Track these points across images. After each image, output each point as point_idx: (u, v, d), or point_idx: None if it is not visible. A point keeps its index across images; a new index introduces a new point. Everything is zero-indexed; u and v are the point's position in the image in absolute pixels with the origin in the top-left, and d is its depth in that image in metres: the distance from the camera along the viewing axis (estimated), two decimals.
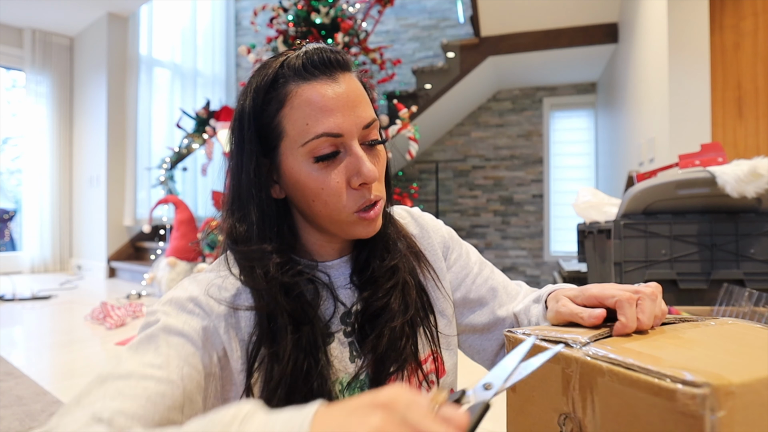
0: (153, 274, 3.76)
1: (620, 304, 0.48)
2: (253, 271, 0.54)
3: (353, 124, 0.53)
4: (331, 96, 0.52)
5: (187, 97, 5.84)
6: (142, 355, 0.46)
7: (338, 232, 0.58)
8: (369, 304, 0.58)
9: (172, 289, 0.54)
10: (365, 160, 0.54)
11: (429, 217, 0.73)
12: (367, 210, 0.55)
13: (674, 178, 1.47)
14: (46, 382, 1.90)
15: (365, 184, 0.54)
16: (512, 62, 4.25)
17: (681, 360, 0.37)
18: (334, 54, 0.54)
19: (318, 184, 0.54)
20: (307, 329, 0.53)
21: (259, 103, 0.54)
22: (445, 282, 0.69)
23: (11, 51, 5.15)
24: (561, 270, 2.72)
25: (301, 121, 0.52)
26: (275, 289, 0.53)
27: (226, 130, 3.87)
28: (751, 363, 0.35)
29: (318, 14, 2.84)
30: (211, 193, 3.24)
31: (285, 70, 0.53)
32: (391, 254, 0.61)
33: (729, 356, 0.37)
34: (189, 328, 0.50)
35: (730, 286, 1.26)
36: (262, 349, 0.52)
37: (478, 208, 5.21)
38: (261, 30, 5.26)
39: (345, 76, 0.54)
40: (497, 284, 0.71)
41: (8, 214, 5.65)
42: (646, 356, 0.38)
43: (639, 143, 2.94)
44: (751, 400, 0.32)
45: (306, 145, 0.53)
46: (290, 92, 0.53)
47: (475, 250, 0.75)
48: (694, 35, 2.35)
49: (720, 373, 0.33)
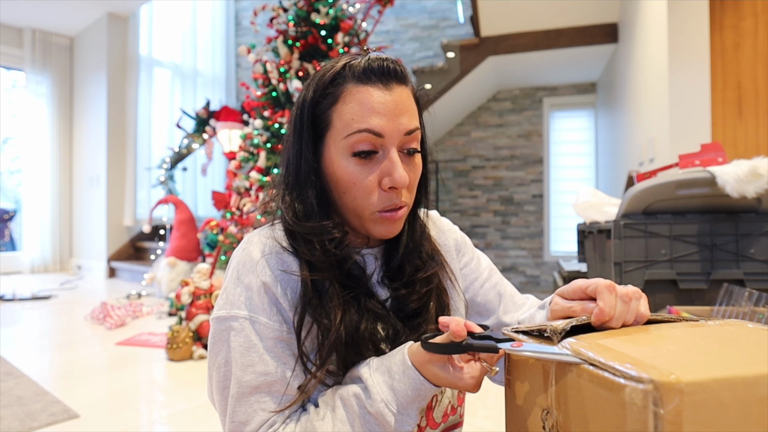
0: (153, 274, 3.76)
1: (599, 290, 0.49)
2: (312, 244, 0.58)
3: (394, 129, 0.57)
4: (380, 100, 0.57)
5: (187, 97, 5.84)
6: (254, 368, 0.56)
7: (359, 228, 0.62)
8: (405, 304, 0.62)
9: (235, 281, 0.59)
10: (399, 165, 0.57)
11: (446, 220, 0.77)
12: (391, 212, 0.59)
13: (674, 178, 1.47)
14: (46, 382, 1.90)
15: (394, 188, 0.58)
16: (512, 62, 4.25)
17: (645, 357, 0.36)
18: (393, 65, 0.58)
19: (351, 178, 0.58)
20: (361, 295, 0.59)
21: (317, 96, 0.59)
22: (460, 282, 0.72)
23: (11, 51, 5.15)
24: (561, 270, 2.72)
25: (348, 116, 0.57)
26: (331, 261, 0.58)
27: (226, 130, 3.87)
28: (721, 363, 0.34)
29: (318, 14, 2.84)
30: (211, 193, 3.24)
31: (346, 71, 0.58)
32: (427, 265, 0.65)
33: (701, 355, 0.36)
34: (270, 328, 0.57)
35: (730, 286, 1.26)
36: (306, 314, 0.57)
37: (478, 208, 5.21)
38: (261, 30, 5.26)
39: (399, 87, 0.58)
40: (504, 291, 0.74)
41: (8, 214, 5.66)
42: (611, 352, 0.38)
43: (639, 143, 2.94)
44: (704, 399, 0.31)
45: (348, 138, 0.57)
46: (345, 91, 0.57)
47: (488, 259, 0.78)
48: (694, 35, 2.35)
49: (674, 370, 0.32)
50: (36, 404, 1.66)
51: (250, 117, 3.11)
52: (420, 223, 0.67)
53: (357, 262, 0.62)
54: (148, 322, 2.97)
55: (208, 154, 4.51)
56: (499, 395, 1.73)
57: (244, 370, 0.55)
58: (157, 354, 2.28)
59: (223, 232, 2.97)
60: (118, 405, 1.69)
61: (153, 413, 1.65)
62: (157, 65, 5.59)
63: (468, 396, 0.76)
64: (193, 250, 3.85)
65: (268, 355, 0.56)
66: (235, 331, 0.56)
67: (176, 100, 5.73)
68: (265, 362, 0.56)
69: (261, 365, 0.56)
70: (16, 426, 1.48)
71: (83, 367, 2.11)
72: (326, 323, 0.56)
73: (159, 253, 4.19)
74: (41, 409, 1.62)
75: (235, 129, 3.82)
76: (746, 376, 0.32)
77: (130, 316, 3.03)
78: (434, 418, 0.64)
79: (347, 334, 0.56)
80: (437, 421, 0.65)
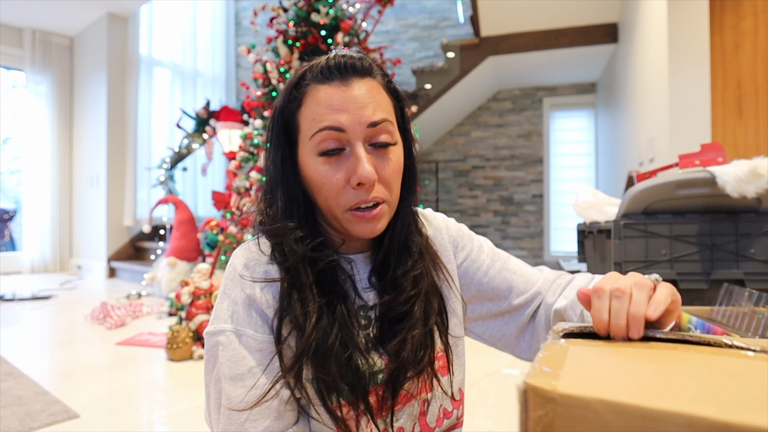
0: (153, 274, 3.76)
1: (594, 295, 0.46)
2: (281, 246, 0.58)
3: (356, 122, 0.56)
4: (338, 96, 0.56)
5: (187, 97, 5.83)
6: (243, 383, 0.54)
7: (340, 228, 0.61)
8: (390, 308, 0.60)
9: (222, 295, 0.59)
10: (364, 160, 0.55)
11: (441, 216, 0.75)
12: (364, 210, 0.57)
13: (674, 178, 1.47)
14: (46, 382, 1.90)
15: (362, 184, 0.56)
16: (512, 62, 4.25)
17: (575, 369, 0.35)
18: (352, 60, 0.58)
19: (320, 178, 0.57)
20: (338, 302, 0.57)
21: (285, 102, 0.60)
22: (457, 281, 0.70)
23: (11, 51, 5.15)
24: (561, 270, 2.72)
25: (310, 117, 0.57)
26: (300, 262, 0.57)
27: (226, 130, 3.87)
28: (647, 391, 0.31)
29: (318, 14, 2.84)
30: (211, 193, 3.24)
31: (308, 73, 0.59)
32: (415, 263, 0.62)
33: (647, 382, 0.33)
34: (258, 340, 0.56)
35: (730, 286, 1.26)
36: (285, 319, 0.56)
37: (478, 208, 5.21)
38: (261, 30, 5.26)
39: (359, 81, 0.57)
40: (512, 274, 0.71)
41: (8, 214, 5.66)
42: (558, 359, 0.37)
43: (639, 143, 2.94)
44: (581, 415, 0.30)
45: (312, 138, 0.57)
46: (307, 93, 0.58)
47: (489, 243, 0.76)
48: (694, 35, 2.35)
49: (570, 383, 0.32)
50: (36, 404, 1.66)
51: (250, 117, 3.11)
52: (405, 221, 0.63)
53: (340, 267, 0.60)
54: (148, 322, 2.97)
55: (208, 154, 4.51)
56: (499, 395, 1.74)
57: (233, 385, 0.54)
58: (157, 354, 2.28)
59: (223, 232, 2.97)
60: (118, 405, 1.69)
61: (153, 413, 1.65)
62: (157, 65, 5.59)
63: (468, 396, 0.76)
64: (193, 250, 3.85)
65: (258, 368, 0.55)
66: (222, 345, 0.55)
67: (176, 100, 5.73)
68: (255, 375, 0.54)
69: (250, 379, 0.54)
70: (16, 426, 1.48)
71: (83, 367, 2.11)
72: (300, 324, 0.55)
73: (159, 253, 4.18)
74: (41, 409, 1.62)
75: (235, 129, 3.82)
76: (647, 408, 0.29)
77: (130, 316, 3.03)
78: (428, 423, 0.63)
79: (317, 341, 0.54)
80: (431, 426, 0.64)
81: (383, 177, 0.57)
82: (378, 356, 0.60)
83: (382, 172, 0.57)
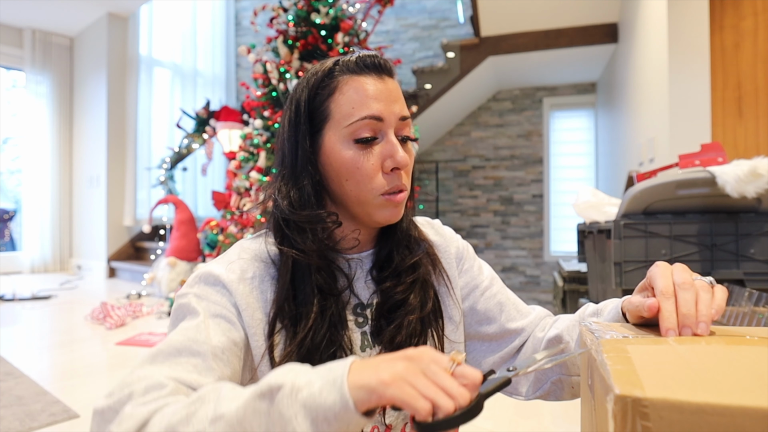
0: (153, 274, 3.76)
1: (659, 298, 0.47)
2: (305, 233, 0.59)
3: (392, 114, 0.59)
4: (376, 88, 0.59)
5: (187, 97, 5.84)
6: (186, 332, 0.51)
7: (363, 216, 0.61)
8: (389, 296, 0.62)
9: (201, 269, 0.59)
10: (399, 147, 0.59)
11: (449, 229, 0.77)
12: (394, 194, 0.60)
13: (674, 178, 1.47)
14: (46, 382, 1.90)
15: (397, 169, 0.59)
16: (512, 62, 4.25)
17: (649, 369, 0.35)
18: (383, 60, 0.62)
19: (354, 163, 0.59)
20: (332, 302, 0.58)
21: (314, 90, 0.61)
22: (457, 289, 0.70)
23: (11, 51, 5.15)
24: (561, 270, 2.72)
25: (347, 106, 0.59)
26: (321, 251, 0.58)
27: (226, 130, 3.87)
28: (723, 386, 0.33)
29: (318, 14, 2.84)
30: (211, 193, 3.24)
31: (339, 65, 0.61)
32: (413, 251, 0.65)
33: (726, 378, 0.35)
34: (221, 306, 0.55)
35: (730, 286, 1.26)
36: (279, 318, 0.56)
37: (478, 208, 5.21)
38: (261, 30, 5.27)
39: (389, 78, 0.62)
40: (506, 300, 0.72)
41: (8, 214, 5.66)
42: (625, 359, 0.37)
43: (639, 143, 2.94)
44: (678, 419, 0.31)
45: (349, 126, 0.58)
46: (342, 82, 0.60)
47: (490, 268, 0.77)
48: (694, 35, 2.35)
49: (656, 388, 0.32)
50: (36, 404, 1.66)
51: (250, 117, 3.11)
52: (408, 216, 0.67)
53: (340, 267, 0.61)
54: (148, 322, 2.97)
55: (208, 154, 4.51)
56: (499, 395, 1.72)
57: (177, 332, 0.50)
58: None
59: (223, 232, 2.97)
60: None
61: None
62: (157, 65, 5.59)
63: None
64: (193, 250, 3.85)
65: (210, 329, 0.51)
66: (181, 305, 0.54)
67: (176, 100, 5.73)
68: (200, 331, 0.50)
69: (194, 331, 0.50)
70: (16, 426, 1.48)
71: (83, 367, 2.11)
72: (294, 325, 0.55)
73: (159, 253, 4.18)
74: (41, 409, 1.62)
75: (235, 129, 3.82)
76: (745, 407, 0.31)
77: (130, 316, 3.03)
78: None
79: (308, 341, 0.55)
80: None
81: (406, 168, 0.61)
82: (374, 353, 0.60)
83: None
